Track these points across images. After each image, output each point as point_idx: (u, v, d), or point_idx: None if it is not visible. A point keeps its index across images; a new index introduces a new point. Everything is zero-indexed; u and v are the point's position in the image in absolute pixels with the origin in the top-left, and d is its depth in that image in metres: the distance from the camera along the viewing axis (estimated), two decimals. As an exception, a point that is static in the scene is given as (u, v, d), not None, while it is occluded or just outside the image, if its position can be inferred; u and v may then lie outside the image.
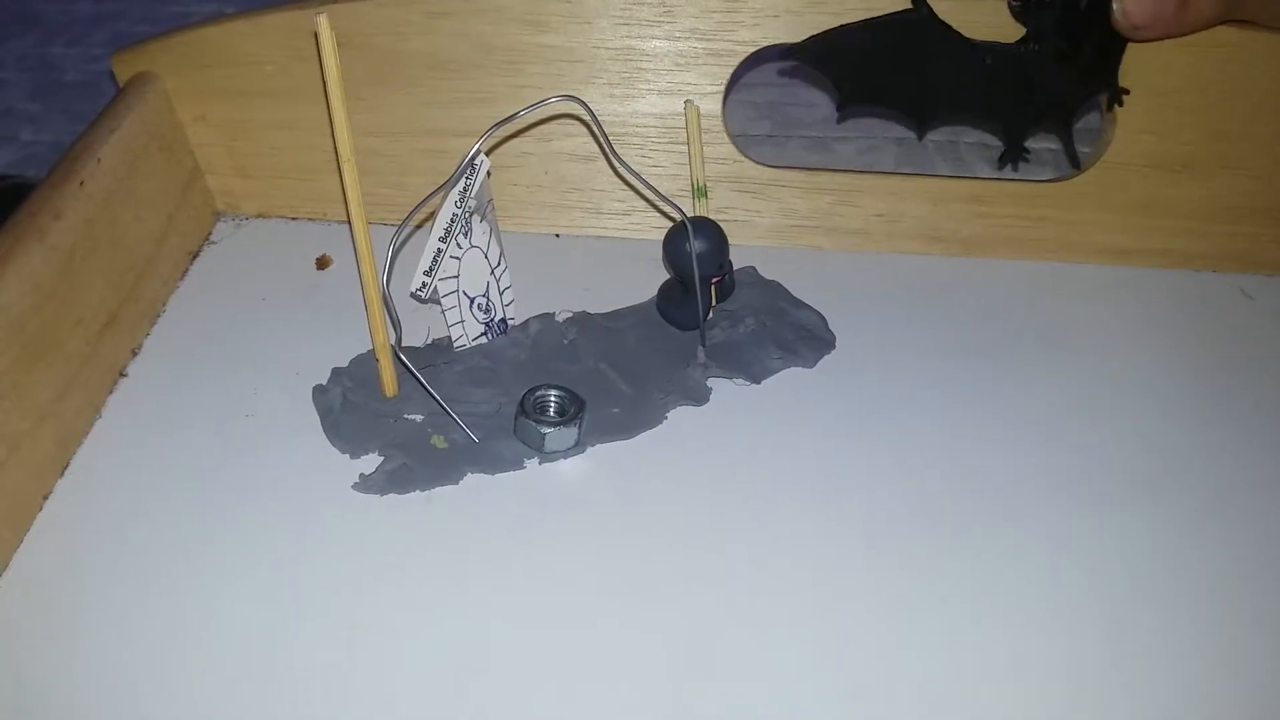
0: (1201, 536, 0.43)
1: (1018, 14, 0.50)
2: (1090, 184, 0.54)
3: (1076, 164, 0.54)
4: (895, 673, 0.38)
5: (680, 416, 0.47)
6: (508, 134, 0.54)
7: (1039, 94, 0.51)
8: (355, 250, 0.42)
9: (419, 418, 0.45)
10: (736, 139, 0.55)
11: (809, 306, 0.51)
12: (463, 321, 0.47)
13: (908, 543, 0.42)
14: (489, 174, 0.45)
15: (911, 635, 0.39)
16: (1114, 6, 0.47)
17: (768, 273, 0.53)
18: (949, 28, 0.49)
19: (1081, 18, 0.48)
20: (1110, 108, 0.52)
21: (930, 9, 0.49)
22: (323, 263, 0.54)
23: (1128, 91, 0.51)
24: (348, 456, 0.44)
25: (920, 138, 0.53)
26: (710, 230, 0.48)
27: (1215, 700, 0.37)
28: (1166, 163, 0.53)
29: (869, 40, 0.50)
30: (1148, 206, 0.55)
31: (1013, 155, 0.53)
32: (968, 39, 0.50)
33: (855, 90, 0.52)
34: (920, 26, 0.49)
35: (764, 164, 0.55)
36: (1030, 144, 0.66)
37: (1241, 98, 0.52)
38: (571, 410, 0.45)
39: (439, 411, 0.44)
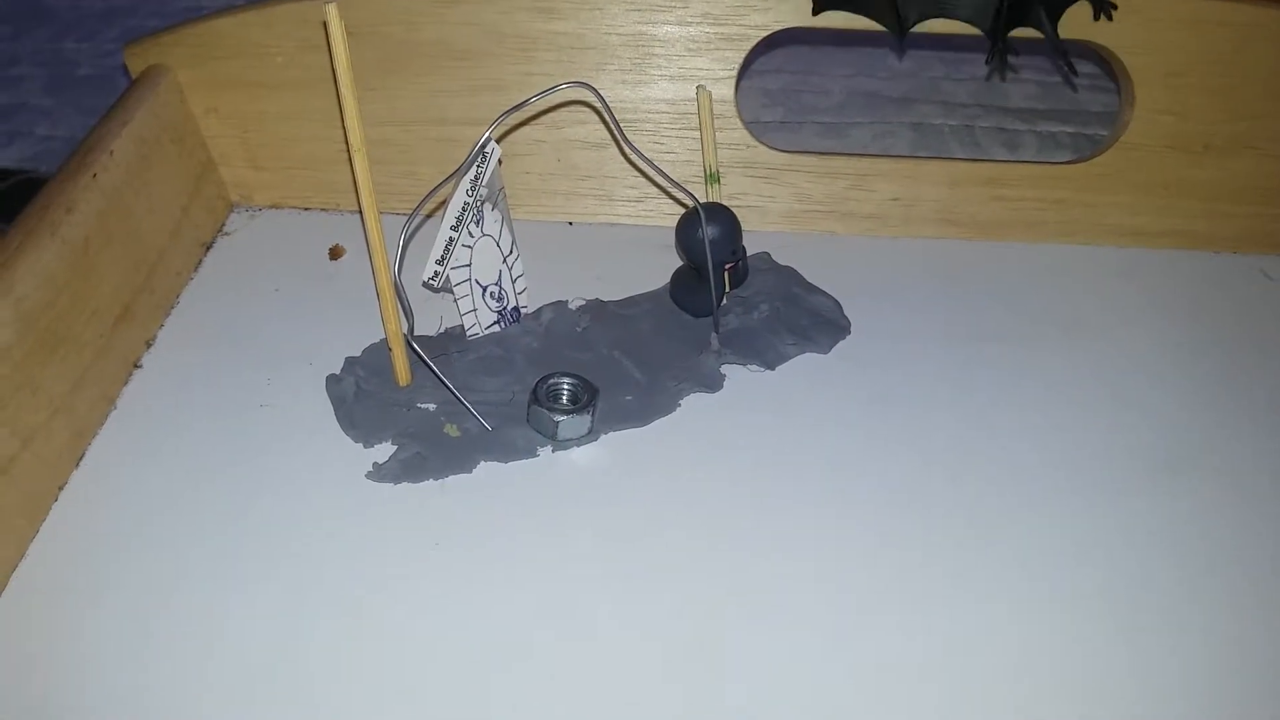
0: (1224, 519, 0.42)
1: None
2: (1109, 165, 0.54)
3: (1073, 71, 0.52)
4: (915, 658, 0.37)
5: (694, 404, 0.47)
6: (519, 121, 0.53)
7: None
8: (367, 240, 0.42)
9: (432, 406, 0.45)
10: (749, 125, 0.54)
11: (823, 292, 0.51)
12: (475, 310, 0.47)
13: (925, 528, 0.42)
14: (500, 162, 0.45)
15: (929, 620, 0.38)
16: None
17: (782, 258, 0.53)
18: None
19: None
20: (1097, 17, 0.50)
21: None
22: (335, 253, 0.54)
23: (1115, 6, 0.50)
24: (361, 445, 0.44)
25: (901, 40, 0.50)
26: (723, 216, 0.47)
27: (1237, 681, 0.37)
28: (1186, 143, 0.53)
29: None
30: (1167, 187, 0.54)
31: (998, 53, 0.50)
32: None
33: None
34: None
35: (777, 149, 0.54)
36: (1045, 127, 0.65)
37: (1261, 78, 0.51)
38: (584, 398, 0.44)
39: (452, 400, 0.44)
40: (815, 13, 0.51)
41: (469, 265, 0.46)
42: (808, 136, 0.65)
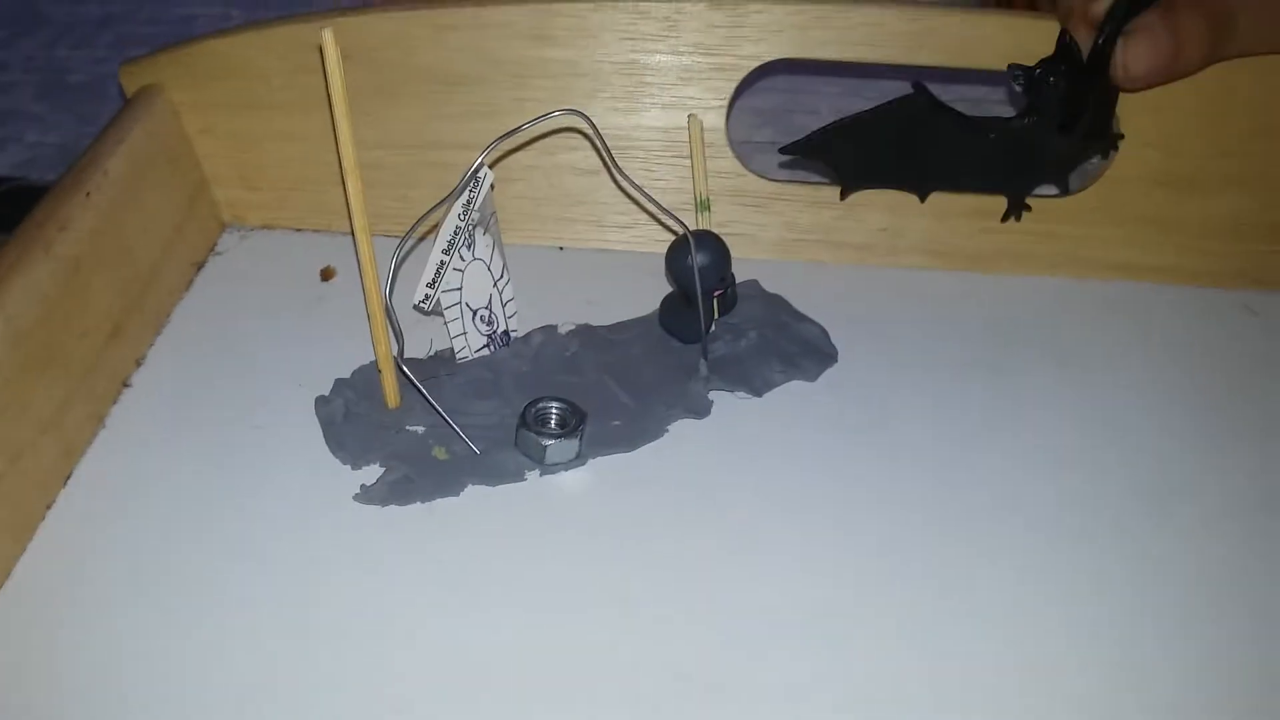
0: (1209, 553, 0.43)
1: (1023, 89, 0.50)
2: (1095, 199, 0.54)
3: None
4: (899, 692, 0.37)
5: (682, 429, 0.47)
6: (511, 147, 0.54)
7: (1039, 158, 0.52)
8: (359, 262, 0.42)
9: (421, 429, 0.46)
10: (739, 147, 0.55)
11: (811, 320, 0.51)
12: (465, 333, 0.48)
13: (911, 559, 0.42)
14: (492, 187, 0.45)
15: (915, 654, 0.39)
16: (1114, 62, 0.47)
17: (770, 286, 0.53)
18: (948, 108, 0.50)
19: (1082, 87, 0.49)
20: (1107, 155, 0.53)
21: (929, 94, 0.50)
22: (327, 274, 0.54)
23: (1123, 136, 0.52)
24: (349, 467, 0.44)
25: (922, 200, 0.54)
26: (712, 243, 0.48)
27: (1229, 711, 0.37)
28: (1172, 179, 0.53)
29: (868, 127, 0.51)
30: (1153, 222, 0.54)
31: (1015, 211, 0.54)
32: (967, 116, 0.51)
33: (856, 173, 0.53)
34: (920, 109, 0.50)
35: (767, 177, 0.55)
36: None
37: (1248, 113, 0.52)
38: (573, 422, 0.45)
39: (441, 423, 0.45)
40: (843, 197, 0.54)
41: (459, 289, 0.46)
42: (798, 162, 0.66)
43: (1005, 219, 0.54)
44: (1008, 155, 0.52)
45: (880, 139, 0.52)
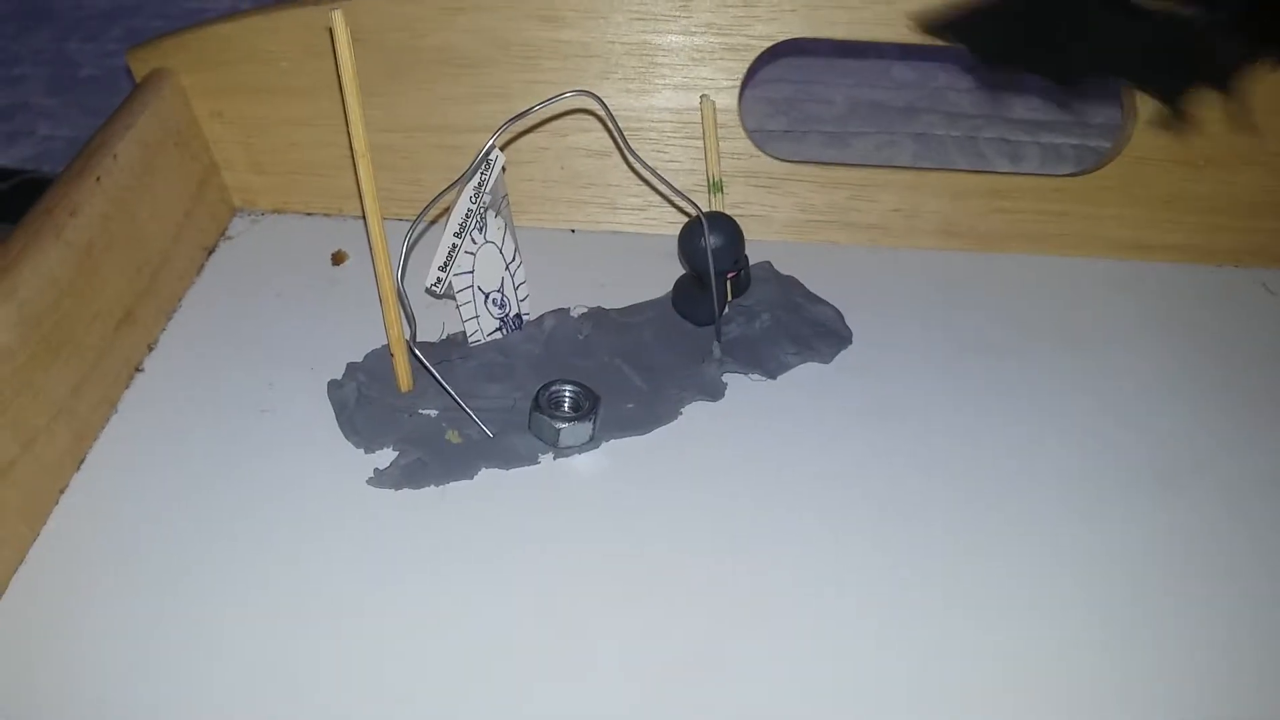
0: (1223, 532, 0.42)
1: None
2: (1111, 178, 0.54)
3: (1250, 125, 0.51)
4: (912, 667, 0.37)
5: (695, 412, 0.47)
6: (522, 129, 0.53)
7: (1204, 57, 0.48)
8: (370, 246, 0.42)
9: (434, 413, 0.45)
10: (753, 134, 0.54)
11: (825, 302, 0.51)
12: (477, 317, 0.47)
13: (924, 539, 0.42)
14: (504, 169, 0.45)
15: (927, 630, 0.38)
16: None
17: (784, 268, 0.53)
18: None
19: None
20: None
21: None
22: (338, 258, 0.54)
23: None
24: (362, 451, 0.44)
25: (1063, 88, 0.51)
26: (726, 225, 0.48)
27: (1236, 691, 0.37)
28: (1188, 157, 0.53)
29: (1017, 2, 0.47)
30: (1169, 201, 0.54)
31: (1173, 116, 0.50)
32: (1131, 3, 0.46)
33: (997, 51, 0.49)
34: None
35: (780, 158, 0.55)
36: (1048, 139, 0.65)
37: (1264, 91, 0.51)
38: (586, 406, 0.44)
39: (454, 406, 0.44)
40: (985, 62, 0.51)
41: (472, 272, 0.46)
42: (811, 146, 0.65)
43: (1162, 127, 0.51)
44: (1169, 50, 0.47)
45: (1029, 18, 0.47)
